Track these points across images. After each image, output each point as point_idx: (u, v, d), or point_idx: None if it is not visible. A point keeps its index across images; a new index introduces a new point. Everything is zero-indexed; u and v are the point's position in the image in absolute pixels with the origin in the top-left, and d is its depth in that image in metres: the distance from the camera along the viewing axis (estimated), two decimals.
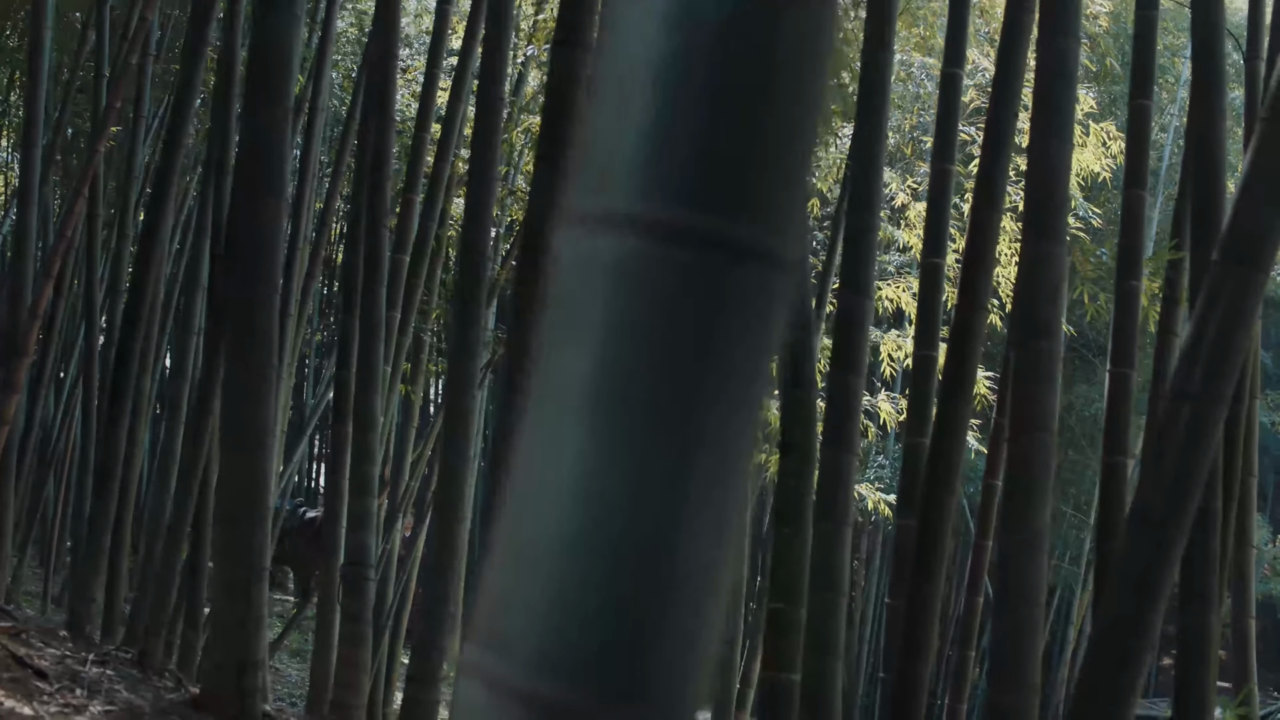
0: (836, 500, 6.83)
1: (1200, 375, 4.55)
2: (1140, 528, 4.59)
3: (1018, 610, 5.52)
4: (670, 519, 1.09)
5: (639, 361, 1.09)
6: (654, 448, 1.09)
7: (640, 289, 1.10)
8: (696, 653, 1.11)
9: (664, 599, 1.08)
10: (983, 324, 6.99)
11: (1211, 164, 6.32)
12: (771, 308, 1.12)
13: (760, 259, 1.11)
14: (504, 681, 1.10)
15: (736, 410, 1.11)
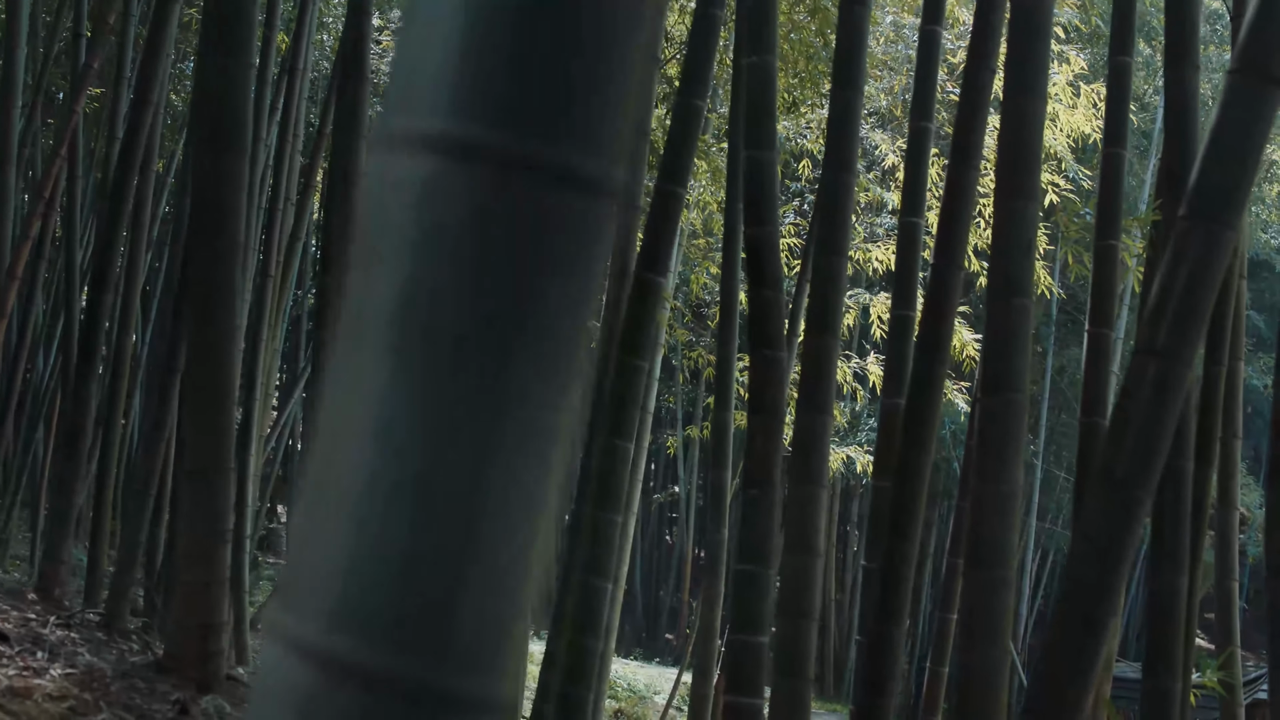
0: (811, 462, 6.76)
1: (1166, 333, 4.47)
2: (1105, 488, 4.51)
3: (988, 569, 5.45)
4: (478, 461, 1.01)
5: (444, 290, 1.02)
6: (460, 384, 1.01)
7: (445, 213, 1.02)
8: (511, 609, 1.04)
9: (472, 549, 1.01)
10: (958, 282, 6.91)
11: (1185, 122, 6.24)
12: (590, 235, 1.05)
13: (577, 183, 1.03)
14: (300, 641, 1.03)
15: (553, 344, 1.03)
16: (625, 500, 14.41)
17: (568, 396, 1.05)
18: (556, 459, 1.05)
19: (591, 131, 1.04)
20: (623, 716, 17.04)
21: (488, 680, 1.03)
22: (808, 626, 6.70)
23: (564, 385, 1.05)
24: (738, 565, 6.51)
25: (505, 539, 1.02)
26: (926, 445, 6.75)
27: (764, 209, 6.52)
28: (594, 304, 1.07)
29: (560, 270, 1.03)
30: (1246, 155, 4.54)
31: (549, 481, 1.05)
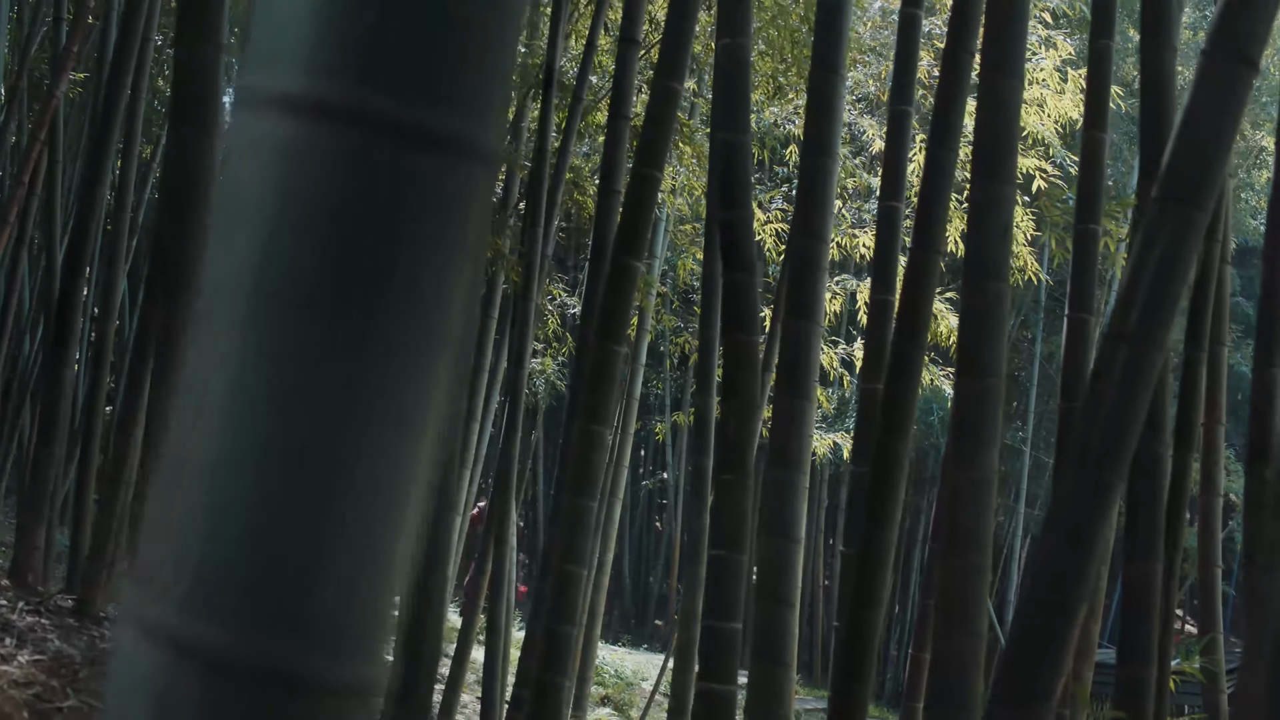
0: (790, 447, 6.71)
1: (1138, 316, 4.43)
2: (1076, 472, 4.47)
3: (963, 555, 5.41)
4: (336, 431, 0.97)
5: (300, 256, 0.97)
6: (317, 352, 0.97)
7: (303, 176, 0.98)
8: (378, 588, 1.00)
9: (331, 523, 0.97)
10: (937, 267, 6.86)
11: (1161, 104, 6.19)
12: (457, 197, 1.00)
13: (442, 145, 0.99)
14: (154, 624, 0.98)
15: (418, 310, 0.99)
16: (611, 486, 14.44)
17: (435, 365, 1.01)
18: (424, 430, 1.01)
19: (458, 91, 0.99)
20: (609, 703, 17.00)
21: (350, 663, 0.98)
22: (787, 613, 6.66)
23: (430, 353, 1.00)
24: (711, 551, 6.47)
25: (368, 512, 0.98)
26: (904, 430, 6.71)
27: (737, 192, 6.48)
28: (468, 269, 1.03)
29: (425, 234, 0.99)
30: (1219, 137, 4.50)
31: (416, 453, 1.01)
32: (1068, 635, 4.44)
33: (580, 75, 11.34)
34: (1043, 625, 4.41)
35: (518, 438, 10.90)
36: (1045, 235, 15.97)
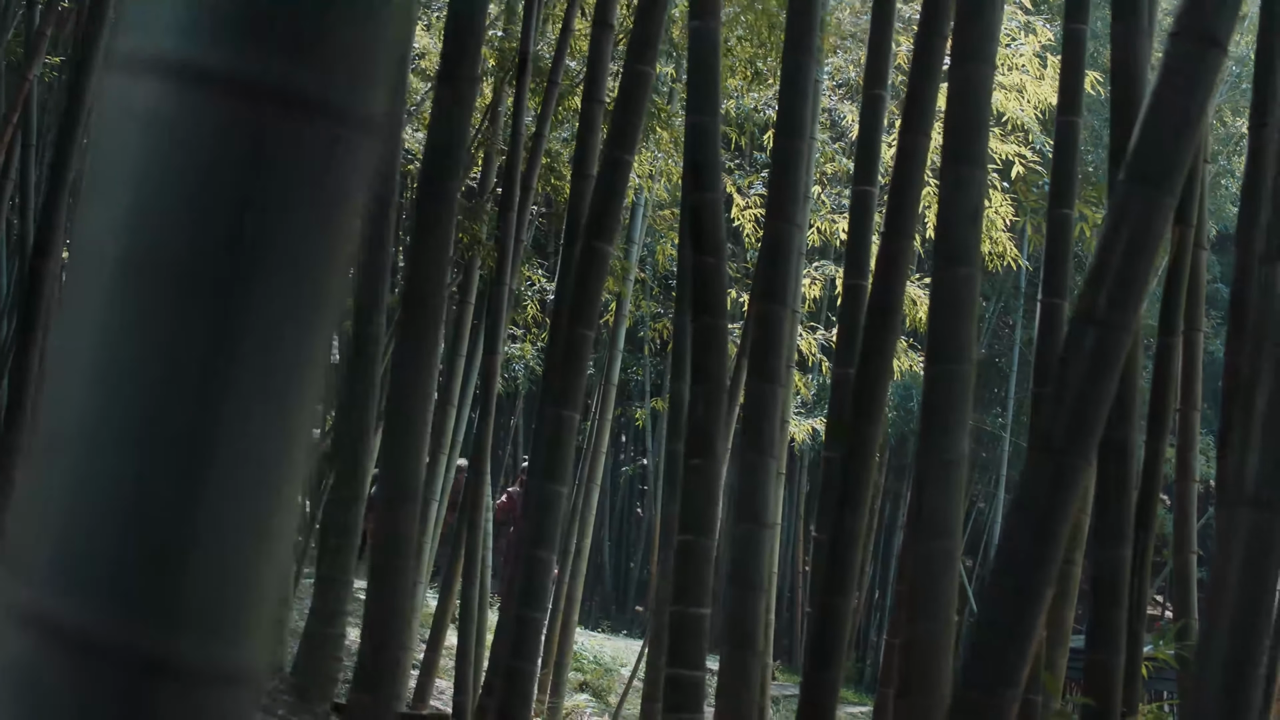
0: (761, 431, 6.69)
1: (1105, 299, 4.40)
2: (1041, 456, 4.44)
3: (933, 540, 5.40)
4: (206, 404, 0.93)
5: (169, 224, 0.93)
6: (186, 323, 0.93)
7: (174, 143, 0.94)
8: (255, 567, 0.96)
9: (201, 501, 0.93)
10: (908, 252, 6.84)
11: (1132, 88, 6.16)
12: (337, 164, 0.96)
13: (322, 112, 0.95)
14: (19, 606, 0.94)
15: (293, 280, 0.95)
16: (589, 472, 14.40)
17: (312, 337, 0.97)
18: (301, 406, 0.97)
19: (338, 57, 0.96)
20: (588, 689, 16.97)
21: (223, 647, 0.95)
22: (757, 598, 6.64)
23: (308, 325, 0.97)
24: (679, 536, 6.45)
25: (242, 489, 0.94)
26: (875, 416, 6.69)
27: (706, 175, 6.44)
28: (349, 239, 0.99)
29: (301, 202, 0.95)
30: (1186, 119, 4.46)
31: (293, 430, 0.97)
32: (1034, 620, 4.41)
33: (556, 60, 11.31)
34: (1008, 610, 4.38)
35: (490, 423, 10.87)
36: (1024, 221, 15.99)
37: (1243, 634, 2.95)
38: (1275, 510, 2.99)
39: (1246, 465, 2.99)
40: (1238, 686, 2.88)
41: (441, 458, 11.92)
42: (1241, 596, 2.96)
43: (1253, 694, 2.95)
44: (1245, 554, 2.94)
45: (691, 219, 6.53)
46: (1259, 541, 2.96)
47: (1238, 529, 2.98)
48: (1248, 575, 2.96)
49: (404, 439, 6.12)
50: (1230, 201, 32.69)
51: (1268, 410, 3.00)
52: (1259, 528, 2.97)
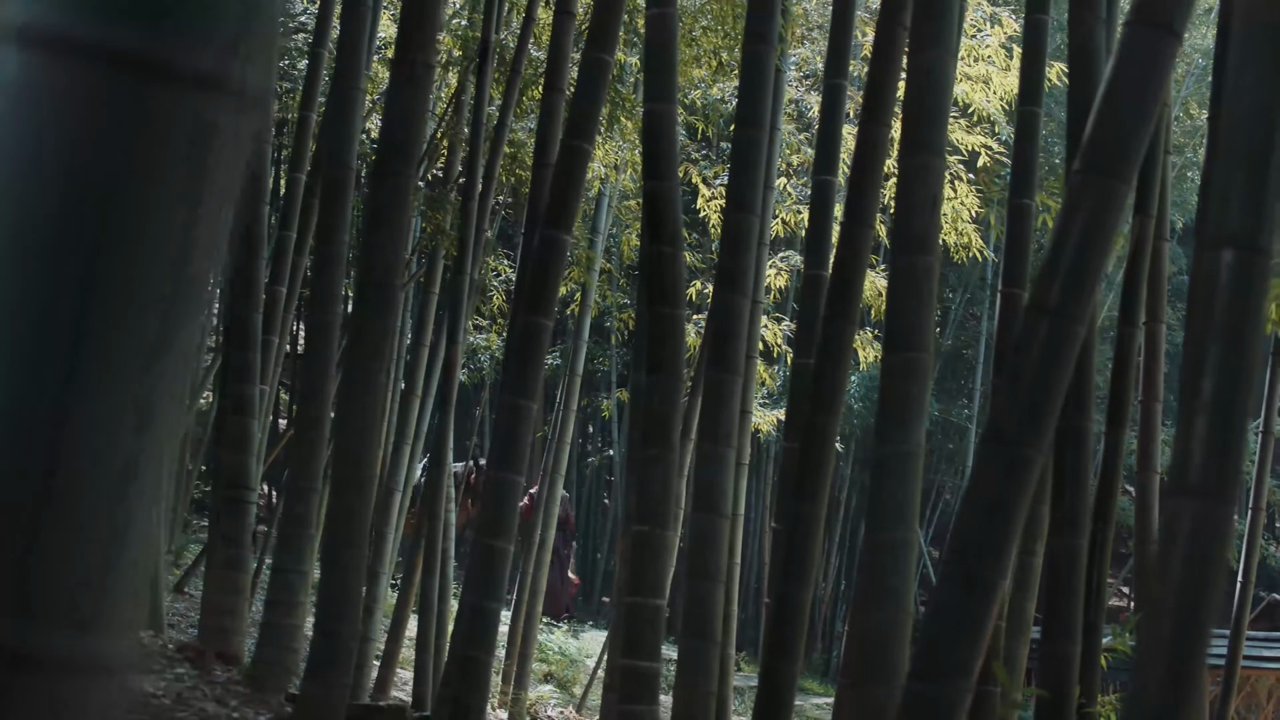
0: (719, 422, 6.68)
1: (1059, 288, 4.37)
2: (993, 448, 4.41)
3: (887, 531, 5.37)
4: (63, 386, 0.89)
5: (32, 196, 0.89)
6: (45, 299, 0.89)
7: (42, 113, 0.90)
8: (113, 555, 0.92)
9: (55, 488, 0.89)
10: (868, 241, 6.80)
11: (1089, 77, 6.14)
12: (205, 135, 0.92)
13: (198, 84, 0.91)
14: None
15: (159, 254, 0.91)
16: (553, 464, 14.36)
17: (179, 312, 0.93)
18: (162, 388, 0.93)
19: (204, 26, 0.92)
20: (553, 680, 16.93)
21: (78, 636, 0.91)
22: (714, 588, 6.62)
23: (174, 300, 0.93)
24: (635, 527, 6.42)
25: (97, 474, 0.90)
26: (834, 407, 6.65)
27: (662, 163, 6.41)
28: (216, 209, 0.95)
29: (168, 174, 0.91)
30: (1141, 107, 4.44)
31: (153, 413, 0.93)
32: (986, 612, 4.38)
33: (519, 49, 11.26)
34: (960, 601, 4.35)
35: (451, 414, 10.83)
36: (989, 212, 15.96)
37: (1187, 625, 2.92)
38: (1219, 500, 2.96)
39: (1192, 455, 2.96)
40: (1181, 678, 2.85)
41: (405, 448, 11.87)
42: (1185, 587, 2.93)
43: (1197, 685, 2.93)
44: (1189, 544, 2.92)
45: (647, 207, 6.49)
46: (1203, 531, 2.93)
47: (1182, 519, 2.95)
48: (1191, 566, 2.93)
49: (357, 427, 6.08)
50: (1196, 193, 32.73)
51: (1213, 399, 2.97)
52: (1203, 517, 2.94)
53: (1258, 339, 3.06)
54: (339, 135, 7.01)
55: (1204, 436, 2.95)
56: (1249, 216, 3.06)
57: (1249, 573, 10.05)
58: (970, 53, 16.12)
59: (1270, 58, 3.29)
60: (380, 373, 6.06)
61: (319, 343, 6.99)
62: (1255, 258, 3.01)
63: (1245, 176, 3.12)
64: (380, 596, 11.70)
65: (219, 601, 8.19)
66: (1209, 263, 3.08)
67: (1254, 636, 21.73)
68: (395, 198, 6.05)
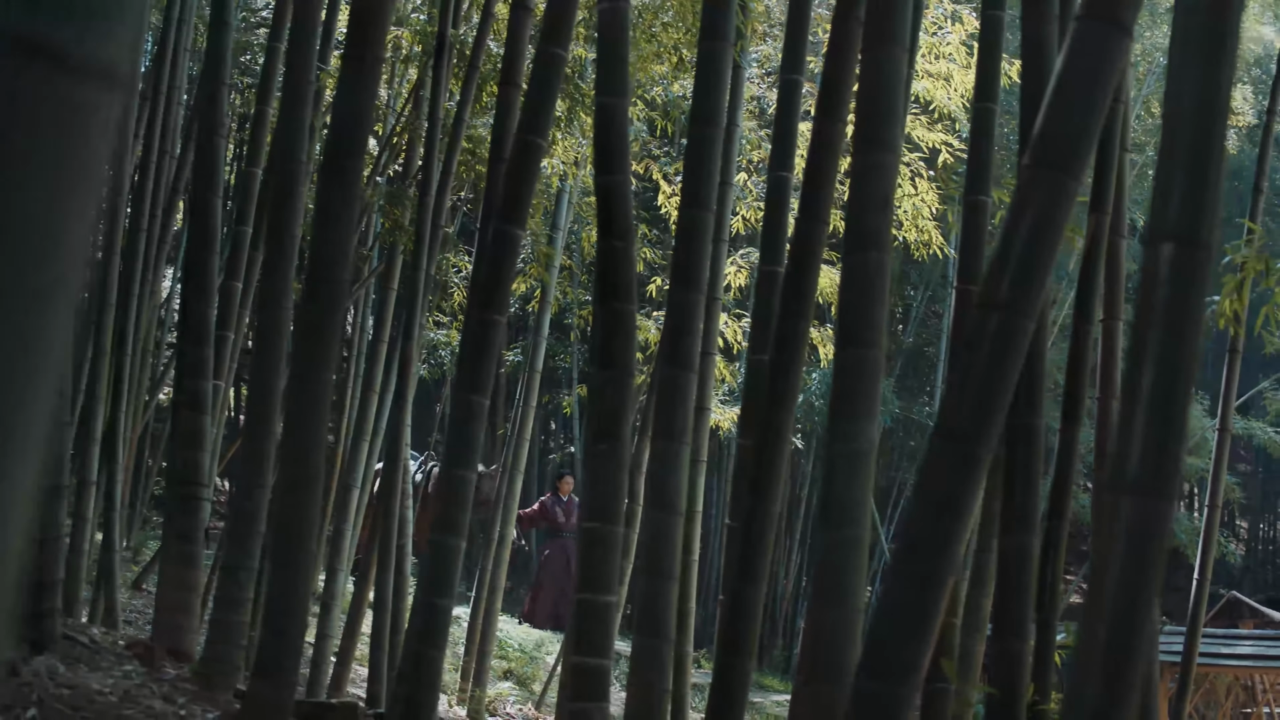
0: (673, 418, 6.65)
1: (1008, 284, 4.35)
2: (943, 444, 4.39)
3: (838, 529, 5.35)
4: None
5: None
6: None
7: None
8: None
9: None
10: (823, 238, 6.78)
11: (1041, 74, 6.12)
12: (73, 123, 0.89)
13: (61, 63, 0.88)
14: None
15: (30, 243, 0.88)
16: (512, 460, 14.33)
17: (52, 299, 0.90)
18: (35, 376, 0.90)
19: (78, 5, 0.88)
20: (512, 676, 16.91)
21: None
22: (667, 586, 6.59)
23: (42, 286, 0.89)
24: (585, 523, 6.39)
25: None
26: (789, 403, 6.63)
27: (614, 158, 6.38)
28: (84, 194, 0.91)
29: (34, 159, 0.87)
30: (1091, 102, 4.42)
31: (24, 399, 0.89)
32: (934, 608, 4.36)
33: (477, 43, 11.21)
34: (909, 598, 4.33)
35: (406, 410, 10.79)
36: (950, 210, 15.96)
37: (1124, 623, 2.90)
38: (1158, 496, 2.95)
39: (1131, 450, 2.95)
40: (1119, 676, 2.84)
41: (363, 444, 11.81)
42: (1123, 585, 2.91)
43: (1134, 683, 2.91)
44: (1127, 541, 2.90)
45: (599, 202, 6.46)
46: (1142, 528, 2.91)
47: (1120, 516, 2.93)
48: (1130, 563, 2.91)
49: (305, 423, 6.03)
50: None
51: (1151, 394, 2.95)
52: (1142, 514, 2.93)
53: (1196, 334, 3.05)
54: (289, 130, 6.95)
55: (1143, 432, 2.93)
56: (1189, 211, 3.05)
57: (1205, 570, 10.06)
58: (931, 50, 16.15)
59: (1210, 54, 3.28)
60: (327, 370, 6.02)
61: (268, 339, 6.94)
62: (1195, 253, 3.00)
63: (1186, 172, 3.11)
64: (339, 593, 11.66)
65: (172, 599, 8.14)
66: (1149, 258, 3.07)
67: (1213, 634, 21.87)
68: (344, 193, 6.01)
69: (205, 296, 8.52)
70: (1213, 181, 3.05)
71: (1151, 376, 2.97)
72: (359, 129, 6.08)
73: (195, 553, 8.03)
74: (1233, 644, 21.20)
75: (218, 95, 8.72)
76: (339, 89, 6.21)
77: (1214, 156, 3.08)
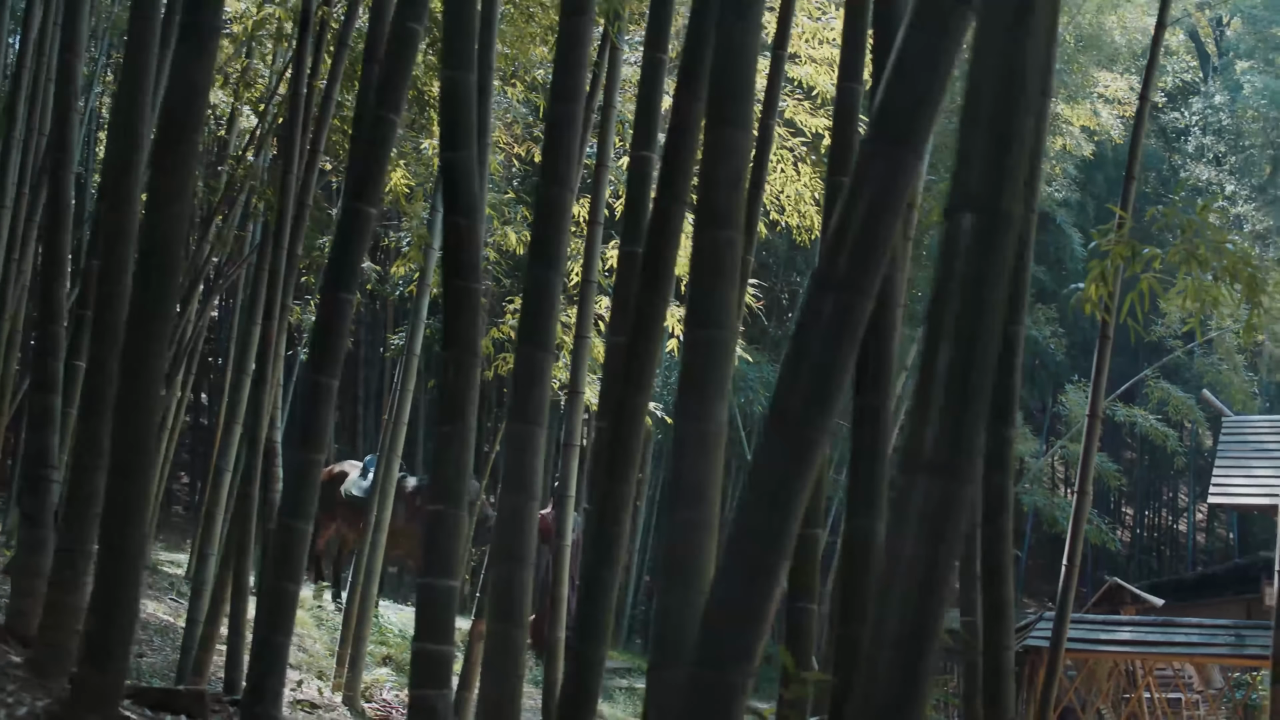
0: (530, 400, 6.54)
1: (845, 264, 4.24)
2: (778, 428, 4.28)
3: (687, 511, 5.25)
4: None
5: None
6: None
7: None
8: None
9: None
10: (681, 218, 6.67)
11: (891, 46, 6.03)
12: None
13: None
14: None
15: None
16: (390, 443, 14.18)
17: None
18: None
19: None
20: (391, 662, 16.85)
21: None
22: (522, 571, 6.48)
23: None
24: (429, 506, 6.26)
25: None
26: (645, 385, 6.53)
27: (459, 132, 6.26)
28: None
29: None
30: (932, 77, 4.32)
31: None
32: (769, 596, 4.26)
33: (346, 21, 11.08)
34: (742, 586, 4.23)
35: (264, 391, 10.63)
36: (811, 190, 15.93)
37: (919, 608, 2.81)
38: (953, 477, 2.85)
39: (927, 430, 2.85)
40: (912, 662, 2.74)
41: (235, 428, 11.60)
42: (918, 569, 2.82)
43: (928, 671, 2.82)
44: (921, 523, 2.80)
45: (443, 179, 6.33)
46: (936, 510, 2.82)
47: (913, 496, 2.84)
48: (925, 546, 2.82)
49: (135, 407, 5.88)
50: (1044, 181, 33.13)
51: (949, 370, 2.86)
52: (936, 495, 2.83)
53: (997, 307, 2.95)
54: (128, 107, 6.75)
55: (940, 409, 2.83)
56: (990, 182, 2.96)
57: (1074, 556, 10.04)
58: (815, 35, 16.14)
59: (1014, 24, 3.20)
60: (160, 353, 5.87)
61: (105, 318, 6.75)
62: (995, 223, 2.91)
63: (987, 142, 3.02)
64: (209, 578, 11.48)
65: (21, 583, 7.96)
66: (949, 229, 2.97)
67: (1093, 620, 22.06)
68: (177, 172, 5.85)
69: (58, 274, 8.35)
70: (1015, 152, 2.97)
71: (949, 353, 2.88)
72: (194, 106, 5.91)
73: (43, 536, 7.85)
74: (1113, 630, 21.38)
75: (71, 67, 8.52)
76: (174, 62, 6.04)
77: (1016, 127, 2.99)
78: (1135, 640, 21.02)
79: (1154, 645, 20.88)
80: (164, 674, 11.85)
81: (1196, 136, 45.75)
